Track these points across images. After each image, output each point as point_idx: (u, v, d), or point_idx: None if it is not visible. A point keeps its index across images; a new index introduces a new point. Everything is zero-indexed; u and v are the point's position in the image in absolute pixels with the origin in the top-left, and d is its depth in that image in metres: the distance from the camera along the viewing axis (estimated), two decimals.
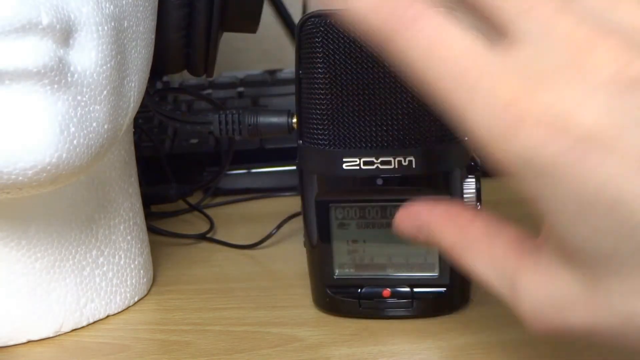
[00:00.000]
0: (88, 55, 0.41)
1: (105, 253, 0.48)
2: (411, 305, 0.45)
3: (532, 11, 0.29)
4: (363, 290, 0.46)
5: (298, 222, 0.50)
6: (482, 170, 0.44)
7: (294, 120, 0.46)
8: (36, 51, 0.38)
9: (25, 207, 0.44)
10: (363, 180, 0.43)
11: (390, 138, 0.42)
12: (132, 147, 0.50)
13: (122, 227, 0.49)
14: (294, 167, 0.46)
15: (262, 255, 0.56)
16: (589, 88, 0.27)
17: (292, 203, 0.58)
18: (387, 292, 0.45)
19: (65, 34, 0.39)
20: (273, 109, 0.48)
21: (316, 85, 0.43)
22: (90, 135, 0.41)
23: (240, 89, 0.77)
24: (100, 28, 0.41)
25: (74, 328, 0.47)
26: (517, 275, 0.32)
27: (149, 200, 0.60)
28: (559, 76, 0.28)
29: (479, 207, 0.44)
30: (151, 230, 0.57)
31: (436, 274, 0.45)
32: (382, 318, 0.46)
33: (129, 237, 0.50)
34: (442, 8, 0.30)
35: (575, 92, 0.27)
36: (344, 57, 0.42)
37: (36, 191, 0.41)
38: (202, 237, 0.58)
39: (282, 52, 0.92)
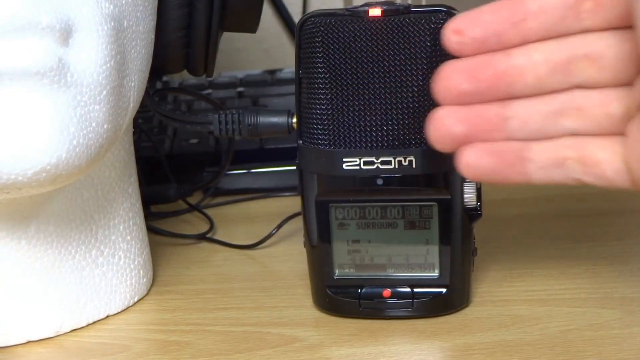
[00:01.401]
0: (88, 55, 0.41)
1: (105, 253, 0.48)
2: (411, 306, 0.45)
3: None
4: (363, 290, 0.46)
5: (298, 222, 0.50)
6: None
7: (294, 120, 0.46)
8: (36, 51, 0.38)
9: (25, 207, 0.44)
10: (363, 180, 0.43)
11: (390, 138, 0.42)
12: (132, 147, 0.50)
13: (121, 227, 0.49)
14: (294, 167, 0.46)
15: (262, 255, 0.56)
16: None
17: (292, 203, 0.58)
18: (387, 292, 0.45)
19: (65, 34, 0.39)
20: (273, 109, 0.47)
21: (316, 85, 0.43)
22: (90, 135, 0.41)
23: (240, 88, 0.77)
24: (100, 28, 0.41)
25: (73, 328, 0.47)
26: None
27: (148, 200, 0.60)
28: None
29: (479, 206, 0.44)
30: (151, 230, 0.57)
31: (436, 274, 0.45)
32: (382, 318, 0.46)
33: (128, 237, 0.50)
34: None
35: None
36: (344, 57, 0.42)
37: (36, 191, 0.41)
38: (202, 237, 0.58)
39: (282, 52, 0.92)
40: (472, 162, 0.36)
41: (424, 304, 0.45)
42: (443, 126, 0.36)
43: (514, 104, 0.36)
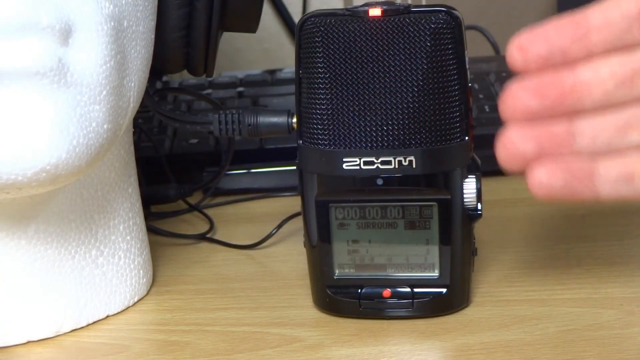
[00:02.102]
0: (87, 55, 0.41)
1: (105, 253, 0.48)
2: (411, 306, 0.45)
3: None
4: (363, 290, 0.46)
5: (298, 222, 0.50)
6: (482, 170, 0.44)
7: (294, 120, 0.46)
8: (36, 51, 0.38)
9: (25, 207, 0.44)
10: (363, 180, 0.43)
11: (390, 138, 0.42)
12: (132, 147, 0.50)
13: (121, 227, 0.49)
14: (294, 167, 0.46)
15: (262, 255, 0.56)
16: None
17: (292, 203, 0.58)
18: (387, 292, 0.45)
19: (64, 33, 0.39)
20: (273, 109, 0.47)
21: (316, 85, 0.43)
22: (90, 135, 0.41)
23: (240, 88, 0.77)
24: (99, 28, 0.41)
25: (73, 328, 0.47)
26: None
27: (148, 201, 0.60)
28: None
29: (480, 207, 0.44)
30: (151, 230, 0.57)
31: (436, 275, 0.45)
32: (382, 318, 0.46)
33: (128, 237, 0.50)
34: None
35: None
36: (344, 57, 0.42)
37: (36, 191, 0.41)
38: (202, 237, 0.58)
39: (282, 52, 0.92)
40: (544, 180, 0.36)
41: (424, 304, 0.45)
42: (513, 145, 0.36)
43: (582, 119, 0.36)
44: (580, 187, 0.36)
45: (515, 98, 0.36)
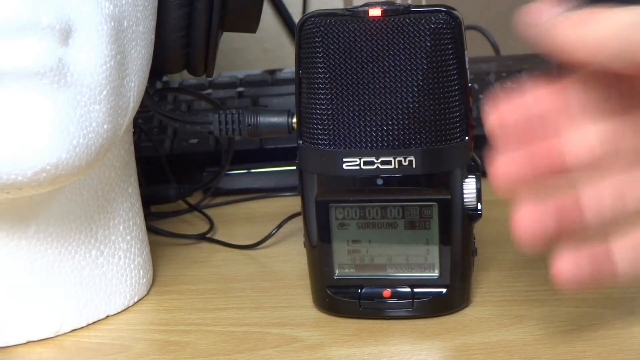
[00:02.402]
0: (87, 55, 0.41)
1: (105, 253, 0.48)
2: (411, 306, 0.45)
3: None
4: (363, 290, 0.46)
5: (298, 222, 0.50)
6: (482, 170, 0.44)
7: (294, 120, 0.46)
8: (36, 51, 0.38)
9: (25, 207, 0.44)
10: (363, 180, 0.43)
11: (390, 138, 0.42)
12: (132, 147, 0.50)
13: (121, 227, 0.49)
14: (294, 167, 0.46)
15: (262, 255, 0.56)
16: None
17: (292, 203, 0.58)
18: (387, 292, 0.45)
19: (64, 33, 0.39)
20: (273, 109, 0.48)
21: (316, 85, 0.43)
22: (90, 135, 0.41)
23: (240, 88, 0.77)
24: (100, 28, 0.41)
25: (73, 328, 0.47)
26: None
27: (148, 201, 0.60)
28: None
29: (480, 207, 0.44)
30: (151, 230, 0.57)
31: (436, 275, 0.45)
32: (382, 318, 0.46)
33: (128, 237, 0.50)
34: None
35: None
36: (344, 57, 0.42)
37: (36, 191, 0.41)
38: (202, 237, 0.58)
39: (282, 52, 0.92)
40: (572, 271, 0.35)
41: (424, 304, 0.45)
42: (533, 224, 0.35)
43: (585, 189, 0.36)
44: (603, 272, 0.36)
45: (505, 168, 0.35)
